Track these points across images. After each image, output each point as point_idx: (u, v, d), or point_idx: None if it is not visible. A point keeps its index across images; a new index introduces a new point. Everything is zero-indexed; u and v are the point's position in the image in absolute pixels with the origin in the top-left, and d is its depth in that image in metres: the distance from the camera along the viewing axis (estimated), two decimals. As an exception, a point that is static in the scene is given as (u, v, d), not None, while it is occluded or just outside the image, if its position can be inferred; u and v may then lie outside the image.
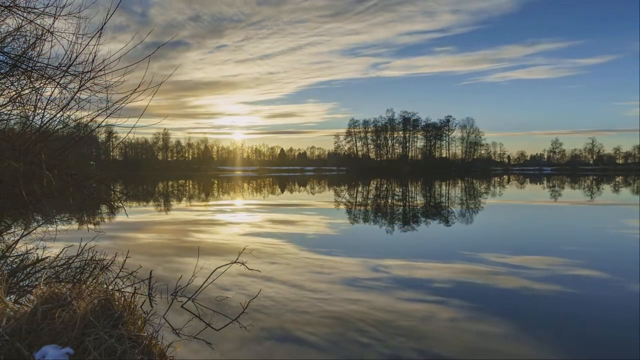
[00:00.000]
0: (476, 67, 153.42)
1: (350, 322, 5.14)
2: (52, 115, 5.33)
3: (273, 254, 9.09)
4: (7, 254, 6.42)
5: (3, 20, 5.52)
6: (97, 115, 5.41)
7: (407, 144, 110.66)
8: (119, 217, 15.51)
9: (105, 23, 4.73)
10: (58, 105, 5.37)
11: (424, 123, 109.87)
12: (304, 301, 5.93)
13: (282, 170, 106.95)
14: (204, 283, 5.63)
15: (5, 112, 6.05)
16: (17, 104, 5.91)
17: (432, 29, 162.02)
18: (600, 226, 14.11)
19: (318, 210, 19.50)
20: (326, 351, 4.36)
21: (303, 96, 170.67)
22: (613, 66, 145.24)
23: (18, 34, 5.57)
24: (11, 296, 4.89)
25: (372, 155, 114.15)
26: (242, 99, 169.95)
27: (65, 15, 5.13)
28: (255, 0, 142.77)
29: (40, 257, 6.60)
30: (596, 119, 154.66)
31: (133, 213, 17.30)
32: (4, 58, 5.42)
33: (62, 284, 2.77)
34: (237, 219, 15.64)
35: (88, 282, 2.86)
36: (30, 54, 5.34)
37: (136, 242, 10.43)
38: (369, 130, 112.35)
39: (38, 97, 5.38)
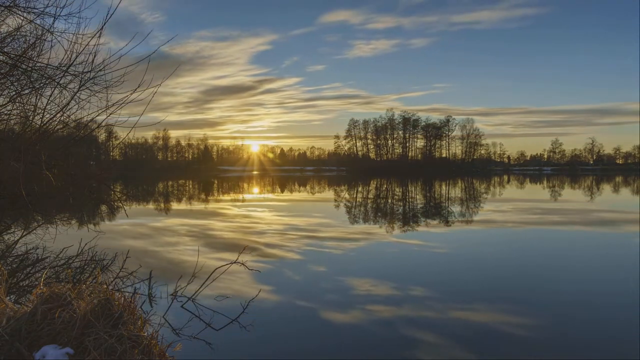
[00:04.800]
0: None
1: (352, 321, 5.15)
2: (52, 115, 5.34)
3: (274, 253, 9.09)
4: (7, 254, 6.42)
5: (3, 20, 5.52)
6: (97, 115, 5.43)
7: (407, 144, 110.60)
8: (119, 217, 15.51)
9: (105, 23, 4.74)
10: (58, 105, 5.39)
11: (424, 123, 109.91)
12: (303, 299, 5.93)
13: (282, 170, 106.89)
14: (204, 283, 5.63)
15: (5, 112, 6.06)
16: (17, 104, 5.92)
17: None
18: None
19: (318, 210, 19.49)
20: (325, 350, 4.36)
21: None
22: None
23: (18, 34, 5.58)
24: (11, 296, 4.89)
25: (372, 155, 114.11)
26: (242, 98, 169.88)
27: (65, 15, 5.14)
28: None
29: (40, 257, 6.61)
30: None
31: (133, 213, 17.29)
32: (4, 58, 5.42)
33: (62, 284, 2.77)
34: (237, 219, 15.63)
35: (88, 282, 2.86)
36: (30, 54, 5.34)
37: (136, 242, 10.42)
38: (369, 130, 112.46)
39: (38, 97, 5.38)
